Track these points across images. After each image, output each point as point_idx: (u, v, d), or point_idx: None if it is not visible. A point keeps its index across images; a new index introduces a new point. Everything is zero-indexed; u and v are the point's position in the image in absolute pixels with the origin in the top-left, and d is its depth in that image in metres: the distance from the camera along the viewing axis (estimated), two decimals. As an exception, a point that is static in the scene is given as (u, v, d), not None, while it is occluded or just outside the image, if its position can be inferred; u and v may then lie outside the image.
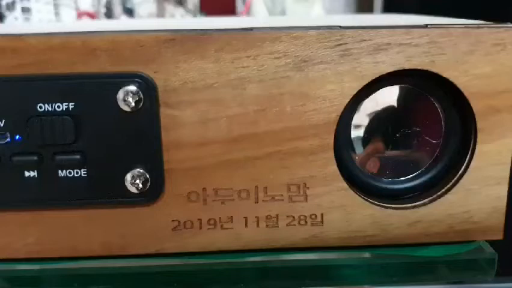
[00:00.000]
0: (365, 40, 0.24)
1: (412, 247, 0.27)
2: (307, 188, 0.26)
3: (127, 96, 0.24)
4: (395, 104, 0.26)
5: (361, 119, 0.26)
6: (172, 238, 0.26)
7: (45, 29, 0.26)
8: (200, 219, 0.26)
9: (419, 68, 0.25)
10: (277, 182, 0.26)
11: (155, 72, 0.24)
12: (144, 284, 0.26)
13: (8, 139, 0.24)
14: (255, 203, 0.26)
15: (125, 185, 0.25)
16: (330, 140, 0.25)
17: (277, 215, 0.26)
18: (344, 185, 0.26)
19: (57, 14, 0.57)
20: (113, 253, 0.26)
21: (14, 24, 0.46)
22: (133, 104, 0.24)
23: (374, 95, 0.26)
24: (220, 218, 0.26)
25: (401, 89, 0.26)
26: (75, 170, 0.25)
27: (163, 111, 0.24)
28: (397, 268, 0.27)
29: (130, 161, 0.25)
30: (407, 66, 0.25)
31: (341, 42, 0.24)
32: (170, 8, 0.57)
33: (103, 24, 0.35)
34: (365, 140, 0.27)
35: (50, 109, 0.24)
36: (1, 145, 0.24)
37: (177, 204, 0.26)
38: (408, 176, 0.27)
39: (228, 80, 0.24)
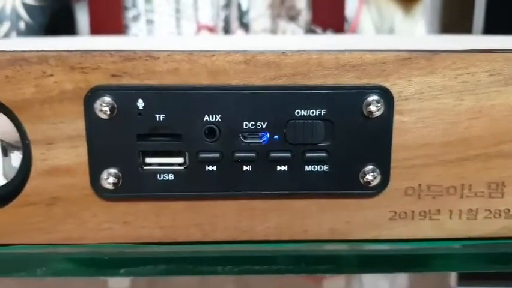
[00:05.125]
0: None
1: None
2: (504, 186, 0.30)
3: (371, 105, 0.28)
4: None
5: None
6: (388, 226, 0.31)
7: (300, 45, 0.30)
8: (413, 211, 0.30)
9: None
10: (480, 180, 0.30)
11: (392, 85, 0.28)
12: (365, 265, 0.31)
13: (266, 138, 0.29)
14: (460, 198, 0.30)
15: (358, 179, 0.29)
16: (528, 144, 0.30)
17: (477, 209, 0.31)
18: (533, 183, 0.30)
19: (178, 26, 0.62)
20: (336, 238, 0.31)
21: (211, 39, 0.50)
22: (375, 112, 0.28)
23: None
24: (429, 210, 0.30)
25: None
26: (319, 166, 0.29)
27: (395, 118, 0.29)
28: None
29: (365, 159, 0.29)
30: None
31: None
32: (283, 24, 0.62)
33: (347, 42, 0.40)
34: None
35: (305, 114, 0.28)
36: (260, 143, 0.29)
37: (396, 197, 0.30)
38: None
39: (450, 92, 0.29)
